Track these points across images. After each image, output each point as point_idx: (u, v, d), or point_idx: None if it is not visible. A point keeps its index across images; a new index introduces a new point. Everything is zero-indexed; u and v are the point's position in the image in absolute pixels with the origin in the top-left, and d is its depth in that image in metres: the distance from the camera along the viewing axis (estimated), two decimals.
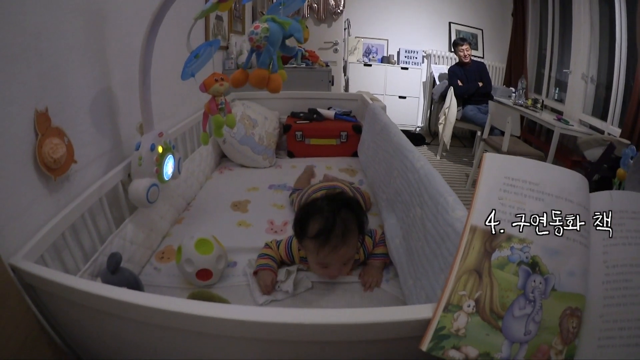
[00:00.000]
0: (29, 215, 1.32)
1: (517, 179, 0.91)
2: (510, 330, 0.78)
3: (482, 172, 0.94)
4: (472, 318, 0.79)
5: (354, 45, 7.17)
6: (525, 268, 0.81)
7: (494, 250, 0.84)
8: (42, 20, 1.38)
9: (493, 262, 0.83)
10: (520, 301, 0.79)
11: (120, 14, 1.90)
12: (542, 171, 0.93)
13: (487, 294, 0.80)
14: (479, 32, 7.46)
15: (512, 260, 0.82)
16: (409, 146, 2.04)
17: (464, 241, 0.86)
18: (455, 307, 0.81)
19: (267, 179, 2.92)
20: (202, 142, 1.87)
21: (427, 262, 1.40)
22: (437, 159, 6.09)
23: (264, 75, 1.47)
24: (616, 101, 4.58)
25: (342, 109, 3.79)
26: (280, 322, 0.89)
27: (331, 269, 1.66)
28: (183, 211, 2.41)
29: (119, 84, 1.90)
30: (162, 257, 1.92)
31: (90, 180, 1.68)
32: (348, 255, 1.67)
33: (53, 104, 1.43)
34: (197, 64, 1.52)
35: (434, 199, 1.45)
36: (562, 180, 0.92)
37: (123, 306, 0.99)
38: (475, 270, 0.83)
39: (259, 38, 1.41)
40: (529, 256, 0.83)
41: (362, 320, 0.88)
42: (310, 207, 1.70)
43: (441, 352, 0.77)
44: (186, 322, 0.95)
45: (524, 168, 0.94)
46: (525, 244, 0.84)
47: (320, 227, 1.60)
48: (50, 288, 1.14)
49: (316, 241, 1.60)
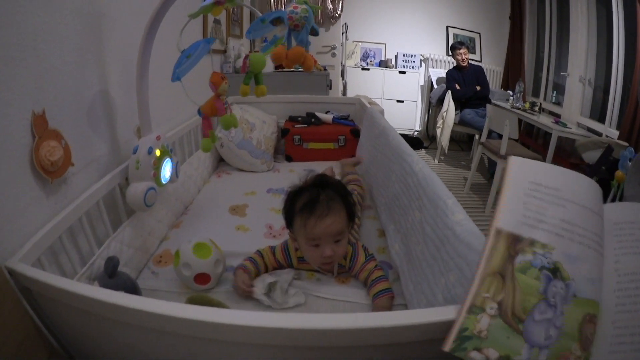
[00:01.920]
0: (25, 218, 1.31)
1: (541, 184, 0.92)
2: (531, 334, 0.78)
3: (507, 176, 0.95)
4: (495, 320, 0.80)
5: (352, 50, 7.16)
6: (547, 273, 0.82)
7: (517, 254, 0.85)
8: (40, 21, 1.37)
9: (516, 266, 0.84)
10: (541, 306, 0.80)
11: (118, 16, 1.90)
12: (564, 177, 0.95)
13: (510, 297, 0.81)
14: (477, 35, 7.47)
15: (535, 265, 0.83)
16: (408, 150, 2.04)
17: (489, 244, 0.87)
18: (478, 309, 0.81)
19: (265, 183, 2.91)
20: (204, 149, 1.79)
21: (427, 265, 1.39)
22: (435, 162, 6.09)
23: (302, 52, 1.57)
24: (614, 103, 4.60)
25: (340, 113, 3.80)
26: (289, 327, 0.88)
27: (324, 247, 1.64)
28: (181, 215, 2.40)
29: (116, 86, 1.89)
30: (159, 261, 1.91)
31: (88, 183, 1.67)
32: (336, 227, 1.65)
33: (50, 106, 1.42)
34: (187, 65, 1.49)
35: (433, 202, 1.46)
36: (581, 187, 0.93)
37: (120, 310, 0.98)
38: (499, 273, 0.84)
39: (299, 17, 1.53)
40: (550, 262, 0.83)
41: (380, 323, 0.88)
42: (295, 190, 1.76)
43: (464, 353, 0.78)
44: (184, 327, 0.94)
45: (547, 173, 0.95)
46: (547, 249, 0.84)
47: (305, 201, 1.66)
48: (47, 291, 1.13)
49: (303, 214, 1.64)
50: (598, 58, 5.08)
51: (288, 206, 1.75)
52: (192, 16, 1.41)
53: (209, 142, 1.72)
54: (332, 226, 1.63)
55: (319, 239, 1.64)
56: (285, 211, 1.77)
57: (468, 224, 1.23)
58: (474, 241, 1.14)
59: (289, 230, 1.80)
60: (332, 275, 1.81)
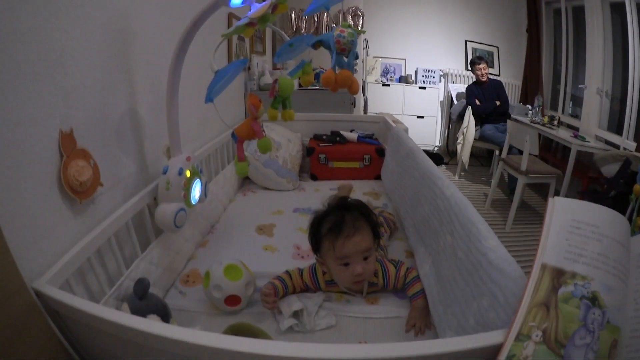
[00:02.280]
0: (53, 238, 1.29)
1: (582, 221, 0.99)
2: (571, 358, 0.82)
3: (550, 215, 1.03)
4: (539, 347, 0.85)
5: (372, 65, 7.17)
6: (587, 302, 0.87)
7: (560, 286, 0.91)
8: (67, 37, 1.36)
9: (559, 297, 0.89)
10: (581, 331, 0.84)
11: (147, 33, 1.89)
12: (600, 214, 1.01)
13: (553, 325, 0.86)
14: (495, 49, 7.45)
15: (575, 295, 0.89)
16: (437, 172, 2.02)
17: (534, 277, 0.94)
18: (525, 337, 0.87)
19: (292, 202, 2.89)
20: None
21: (459, 289, 1.40)
22: (455, 178, 6.05)
23: (350, 76, 1.60)
24: (631, 115, 4.57)
25: (365, 132, 3.78)
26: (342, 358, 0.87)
27: (353, 265, 1.66)
28: (207, 234, 2.38)
29: (144, 105, 1.89)
30: (187, 281, 1.89)
31: (116, 202, 1.66)
32: (364, 245, 1.67)
33: (78, 125, 1.41)
34: (220, 86, 1.48)
35: (465, 227, 1.46)
36: (614, 223, 1.00)
37: (153, 338, 0.96)
38: (544, 304, 0.89)
39: (346, 41, 1.57)
40: (589, 291, 0.89)
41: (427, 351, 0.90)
42: (319, 215, 1.78)
43: None
44: (226, 358, 0.90)
45: (587, 211, 1.02)
46: (587, 280, 0.90)
47: (331, 224, 1.69)
48: (75, 315, 1.12)
49: (330, 235, 1.67)
50: (614, 69, 5.06)
51: (314, 231, 1.76)
52: (226, 36, 1.40)
53: (245, 165, 1.67)
54: (360, 244, 1.66)
55: (348, 257, 1.66)
56: (311, 237, 1.78)
57: (500, 251, 1.24)
58: (507, 267, 1.16)
59: (316, 255, 1.80)
60: (361, 295, 1.80)
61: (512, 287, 1.07)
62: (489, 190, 4.96)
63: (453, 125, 7.06)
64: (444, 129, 7.40)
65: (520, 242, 4.01)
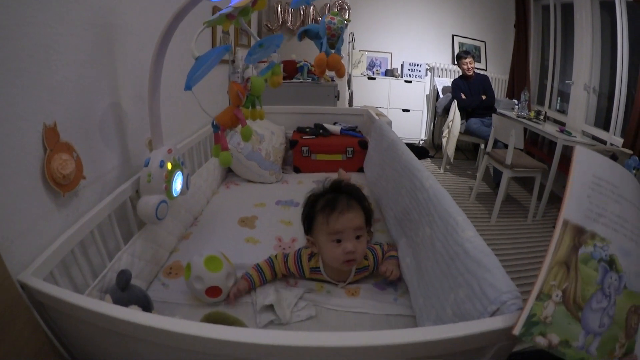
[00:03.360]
0: (37, 231, 1.31)
1: (603, 178, 0.98)
2: (587, 322, 0.84)
3: (574, 167, 1.00)
4: (559, 307, 0.85)
5: (358, 59, 7.18)
6: (605, 265, 0.88)
7: (580, 245, 0.90)
8: (52, 32, 1.37)
9: (580, 257, 0.89)
10: (598, 295, 0.86)
11: (131, 28, 1.91)
12: (621, 175, 1.02)
13: (572, 286, 0.87)
14: (482, 44, 7.49)
15: (595, 257, 0.89)
16: (417, 164, 2.05)
17: (556, 234, 0.91)
18: (545, 296, 0.86)
19: (274, 195, 2.91)
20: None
21: (437, 281, 1.42)
22: (440, 172, 6.09)
23: (339, 59, 1.74)
24: (618, 111, 4.61)
25: (348, 124, 3.80)
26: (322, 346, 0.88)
27: (345, 242, 1.70)
28: (190, 226, 2.40)
29: (128, 98, 1.90)
30: (169, 273, 1.91)
31: (99, 195, 1.67)
32: (357, 222, 1.74)
33: (62, 119, 1.43)
34: (200, 73, 1.45)
35: (444, 219, 1.48)
36: (630, 185, 1.01)
37: (134, 327, 0.98)
38: (565, 263, 0.89)
39: (336, 28, 1.69)
40: (607, 254, 0.89)
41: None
42: (314, 194, 1.88)
43: (530, 337, 0.84)
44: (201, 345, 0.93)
45: (608, 169, 1.01)
46: (606, 243, 0.90)
47: (326, 201, 1.78)
48: (60, 306, 1.13)
49: (324, 211, 1.75)
50: (602, 66, 5.11)
51: (308, 209, 1.85)
52: (208, 23, 1.41)
53: (229, 155, 1.63)
54: (354, 220, 1.72)
55: (341, 232, 1.71)
56: (304, 215, 1.85)
57: (477, 241, 1.25)
58: (483, 258, 1.16)
59: (307, 236, 1.85)
60: (344, 283, 1.83)
61: (488, 278, 1.08)
62: (475, 184, 5.01)
63: (439, 119, 7.11)
64: (429, 123, 7.43)
65: (505, 235, 4.07)
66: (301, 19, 5.48)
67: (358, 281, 1.86)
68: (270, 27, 5.50)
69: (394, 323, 1.62)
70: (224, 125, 1.59)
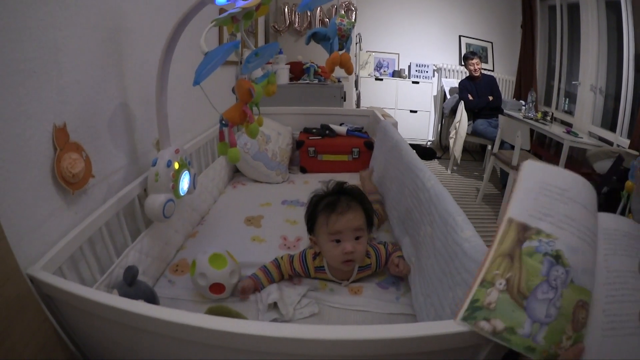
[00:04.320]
0: (47, 227, 1.34)
1: (551, 184, 1.02)
2: (533, 311, 0.86)
3: (521, 178, 1.07)
4: (502, 295, 0.88)
5: (365, 60, 7.20)
6: (550, 259, 0.91)
7: (525, 240, 0.94)
8: (61, 35, 1.40)
9: (523, 250, 0.93)
10: (543, 286, 0.88)
11: (139, 30, 1.94)
12: (571, 179, 1.05)
13: (516, 276, 0.90)
14: (489, 44, 7.48)
15: (539, 250, 0.92)
16: (420, 165, 2.07)
17: (501, 229, 0.97)
18: (488, 283, 0.91)
19: (280, 195, 2.93)
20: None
21: (437, 279, 1.43)
22: (448, 173, 6.09)
23: (349, 58, 1.82)
24: (624, 112, 4.60)
25: (354, 125, 3.81)
26: (307, 338, 0.91)
27: (344, 242, 1.74)
28: (197, 225, 2.42)
29: (135, 99, 1.93)
30: (176, 270, 1.94)
31: (108, 194, 1.71)
32: (356, 223, 1.77)
33: (71, 119, 1.46)
34: (210, 68, 1.44)
35: (444, 218, 1.49)
36: (582, 189, 1.04)
37: (140, 318, 1.01)
38: (509, 255, 0.93)
39: (346, 29, 1.78)
40: (553, 249, 0.92)
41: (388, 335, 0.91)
42: (317, 195, 1.91)
43: (473, 322, 0.87)
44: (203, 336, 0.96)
45: (558, 176, 1.05)
46: (551, 239, 0.93)
47: (327, 202, 1.82)
48: (68, 299, 1.16)
49: (324, 212, 1.79)
50: (609, 66, 5.09)
51: (311, 210, 1.88)
52: (217, 22, 1.42)
53: (237, 152, 1.64)
54: (352, 221, 1.76)
55: (340, 233, 1.75)
56: (307, 215, 1.88)
57: (476, 241, 1.27)
58: (481, 258, 1.14)
59: (310, 236, 1.91)
60: (348, 281, 1.85)
61: None
62: (481, 185, 5.00)
63: (446, 120, 7.10)
64: (436, 124, 7.43)
65: None
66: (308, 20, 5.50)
67: (361, 280, 1.88)
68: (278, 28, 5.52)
69: (396, 322, 1.62)
70: (233, 122, 1.60)
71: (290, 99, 4.15)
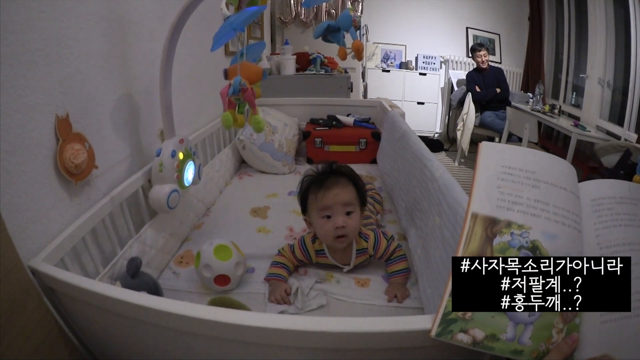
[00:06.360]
0: (49, 218, 1.33)
1: (514, 167, 0.94)
2: (514, 312, 0.80)
3: (479, 162, 0.96)
4: None
5: (372, 51, 7.16)
6: (526, 252, 0.83)
7: (495, 236, 0.86)
8: (63, 26, 1.39)
9: (495, 248, 0.85)
10: None
11: (142, 21, 1.93)
12: (537, 159, 0.96)
13: None
14: (496, 36, 7.42)
15: (513, 245, 0.84)
16: (428, 154, 2.04)
17: (465, 228, 0.87)
18: None
19: (287, 186, 2.91)
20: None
21: (445, 270, 1.41)
22: (455, 165, 6.07)
23: (360, 43, 1.95)
24: (632, 106, 4.55)
25: (361, 116, 3.79)
26: (308, 330, 0.90)
27: (336, 217, 1.72)
28: (202, 216, 2.41)
29: (139, 89, 1.92)
30: (181, 262, 1.93)
31: (111, 185, 1.70)
32: (344, 197, 1.74)
33: (74, 110, 1.45)
34: (228, 34, 1.32)
35: (453, 208, 1.46)
36: (555, 168, 0.96)
37: (142, 310, 1.00)
38: (479, 255, 0.84)
39: (358, 20, 1.95)
40: (528, 241, 0.84)
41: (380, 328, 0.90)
42: (307, 176, 1.87)
43: (449, 336, 0.80)
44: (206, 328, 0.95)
45: (520, 156, 0.97)
46: (524, 229, 0.86)
47: (316, 179, 1.80)
48: (70, 291, 1.16)
49: (313, 189, 1.77)
50: (617, 59, 5.04)
51: (302, 190, 1.85)
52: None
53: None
54: (340, 195, 1.73)
55: (329, 208, 1.73)
56: (300, 196, 1.87)
57: None
58: None
59: (304, 217, 1.90)
60: (349, 267, 1.85)
61: None
62: None
63: (453, 112, 7.06)
64: (444, 116, 7.39)
65: None
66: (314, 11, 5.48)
67: (368, 272, 1.86)
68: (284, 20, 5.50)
69: (402, 314, 1.60)
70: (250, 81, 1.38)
71: (297, 90, 4.13)
